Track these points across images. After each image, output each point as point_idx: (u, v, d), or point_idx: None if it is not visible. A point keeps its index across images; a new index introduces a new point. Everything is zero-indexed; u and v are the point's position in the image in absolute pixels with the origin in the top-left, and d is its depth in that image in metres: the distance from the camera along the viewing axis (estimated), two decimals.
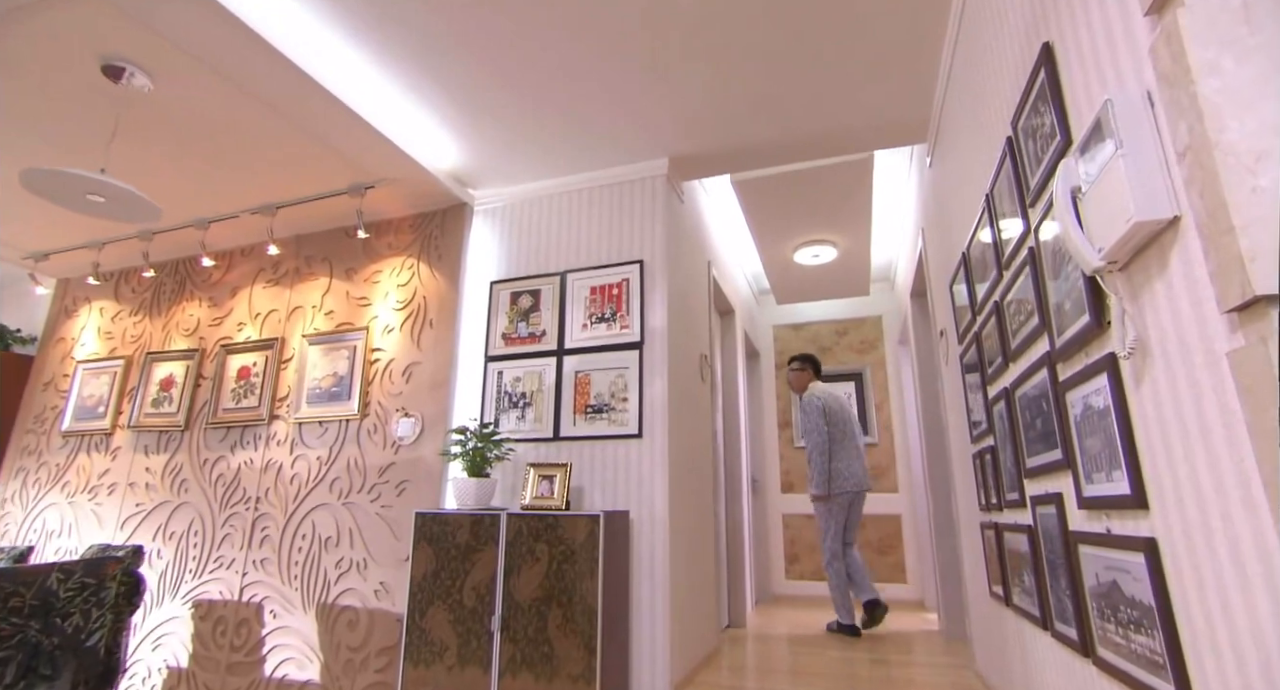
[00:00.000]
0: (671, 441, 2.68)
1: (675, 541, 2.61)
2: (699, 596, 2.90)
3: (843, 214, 3.72)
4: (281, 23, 2.15)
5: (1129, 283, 1.01)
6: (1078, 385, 1.25)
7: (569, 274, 2.98)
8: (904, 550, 4.92)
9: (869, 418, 5.24)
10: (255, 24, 2.06)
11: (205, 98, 2.42)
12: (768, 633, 3.74)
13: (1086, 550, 1.28)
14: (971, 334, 2.24)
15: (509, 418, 2.89)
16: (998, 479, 2.03)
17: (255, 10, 2.06)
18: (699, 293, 3.47)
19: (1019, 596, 1.86)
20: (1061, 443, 1.38)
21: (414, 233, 3.24)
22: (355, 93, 2.49)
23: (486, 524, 2.38)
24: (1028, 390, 1.62)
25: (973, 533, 2.58)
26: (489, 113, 2.67)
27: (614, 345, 2.81)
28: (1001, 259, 1.76)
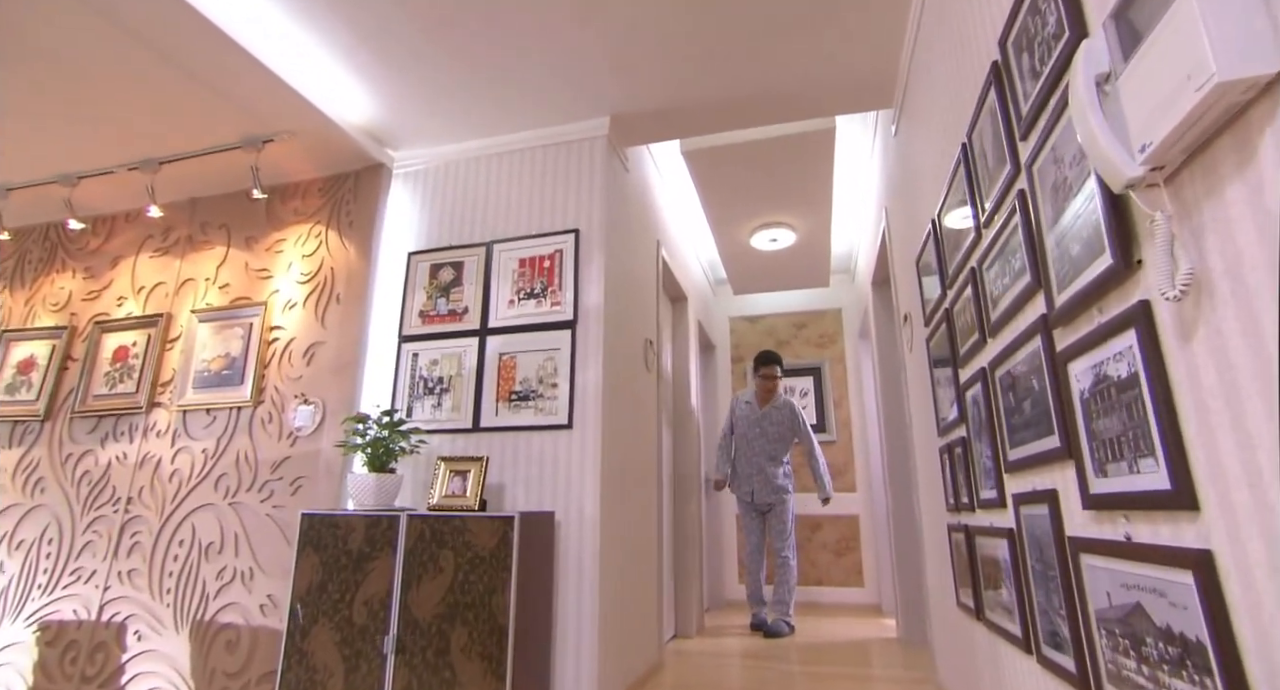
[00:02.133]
0: (607, 433, 2.36)
1: (609, 546, 2.29)
2: (637, 607, 2.60)
3: (802, 193, 3.47)
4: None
5: (1179, 197, 0.73)
6: (1086, 352, 0.98)
7: (496, 244, 2.64)
8: (862, 552, 4.72)
9: (827, 414, 5.02)
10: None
11: (61, 26, 2.00)
12: (718, 643, 3.46)
13: (1093, 562, 1.02)
14: (941, 312, 1.98)
15: (423, 406, 2.53)
16: (970, 475, 1.78)
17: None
18: (645, 273, 3.17)
19: (994, 611, 1.61)
20: (1059, 427, 1.11)
21: (323, 197, 2.85)
22: (247, 27, 2.11)
23: (384, 527, 2.02)
24: (1012, 367, 1.36)
25: (938, 535, 2.34)
26: (407, 61, 2.31)
27: (544, 324, 2.48)
28: (981, 215, 1.50)
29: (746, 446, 3.97)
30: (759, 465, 3.93)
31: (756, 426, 3.99)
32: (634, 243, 2.97)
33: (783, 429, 3.98)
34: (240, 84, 2.29)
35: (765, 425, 3.98)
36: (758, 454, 3.94)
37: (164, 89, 2.34)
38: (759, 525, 3.96)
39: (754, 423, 3.99)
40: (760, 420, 3.99)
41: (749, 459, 3.96)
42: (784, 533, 3.82)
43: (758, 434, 3.98)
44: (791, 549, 3.81)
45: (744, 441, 4.00)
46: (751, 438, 3.98)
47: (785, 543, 3.80)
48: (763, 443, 3.95)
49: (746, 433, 4.00)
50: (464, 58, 2.33)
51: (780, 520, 3.84)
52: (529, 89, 2.50)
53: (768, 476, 3.90)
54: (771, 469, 3.91)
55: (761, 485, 3.91)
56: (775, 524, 3.86)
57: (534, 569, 2.01)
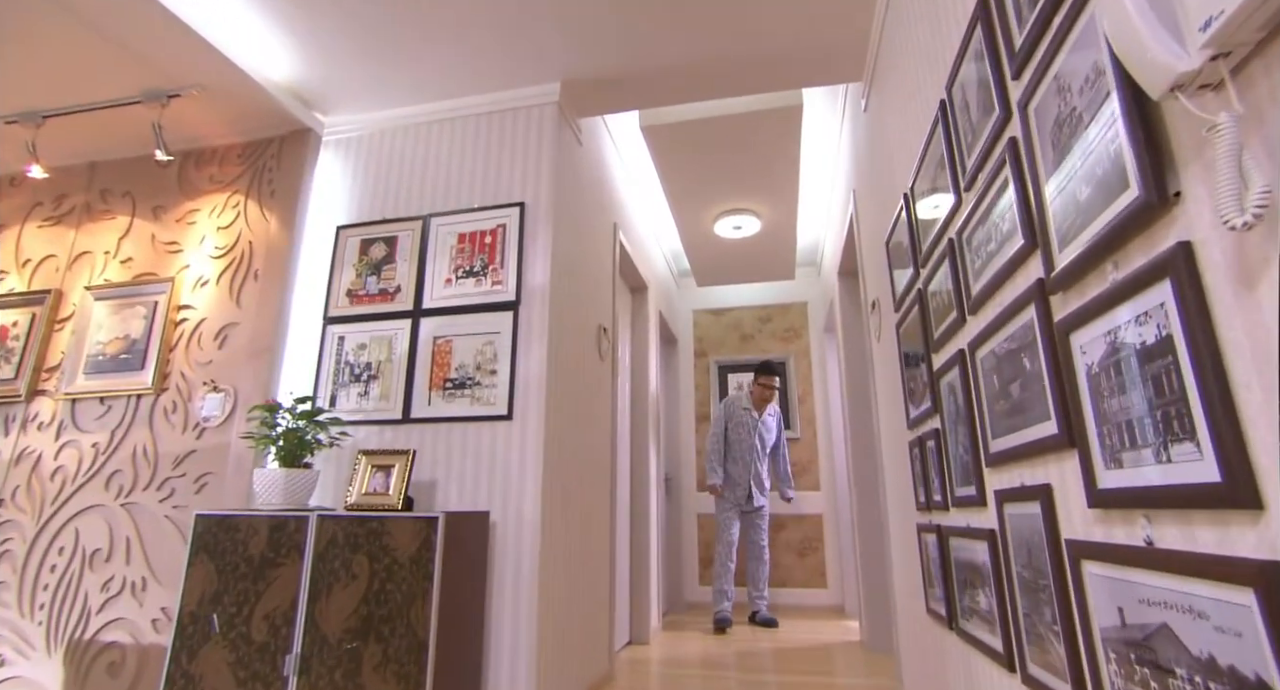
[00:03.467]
0: (551, 425, 2.15)
1: (551, 548, 2.08)
2: (584, 614, 2.39)
3: (767, 176, 3.31)
4: None
5: (1249, 94, 0.56)
6: (1096, 318, 0.81)
7: (434, 218, 2.40)
8: (825, 552, 4.59)
9: (791, 410, 4.89)
10: None
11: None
12: (675, 650, 3.27)
13: (1098, 570, 0.85)
14: (913, 293, 1.83)
15: (349, 394, 2.28)
16: (943, 471, 1.62)
17: None
18: (600, 256, 2.96)
19: (969, 620, 1.45)
20: (1057, 410, 0.94)
21: (243, 163, 2.57)
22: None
23: (291, 530, 1.77)
24: (997, 346, 1.19)
25: (906, 536, 2.19)
26: (335, 14, 2.06)
27: (484, 305, 2.25)
28: (962, 178, 1.34)
29: (744, 452, 4.07)
30: (755, 470, 4.05)
31: (754, 432, 4.09)
32: (588, 222, 2.76)
33: (772, 434, 4.18)
34: (138, 30, 2.01)
35: (762, 431, 4.12)
36: (755, 459, 4.06)
37: (49, 35, 2.04)
38: (738, 525, 4.04)
39: (751, 428, 4.09)
40: (756, 426, 4.11)
41: (745, 463, 4.05)
42: (764, 529, 4.05)
43: (754, 439, 4.09)
44: (768, 543, 4.09)
45: (741, 447, 4.09)
46: (750, 443, 4.08)
47: (767, 539, 4.06)
48: (760, 448, 4.09)
49: (744, 438, 4.09)
50: (399, 12, 2.09)
51: (763, 519, 4.06)
52: (472, 49, 2.27)
53: (761, 479, 4.06)
54: (764, 473, 4.09)
55: (757, 489, 4.05)
56: (760, 523, 4.04)
57: (462, 575, 1.79)
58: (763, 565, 3.99)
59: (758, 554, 3.99)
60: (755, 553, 4.00)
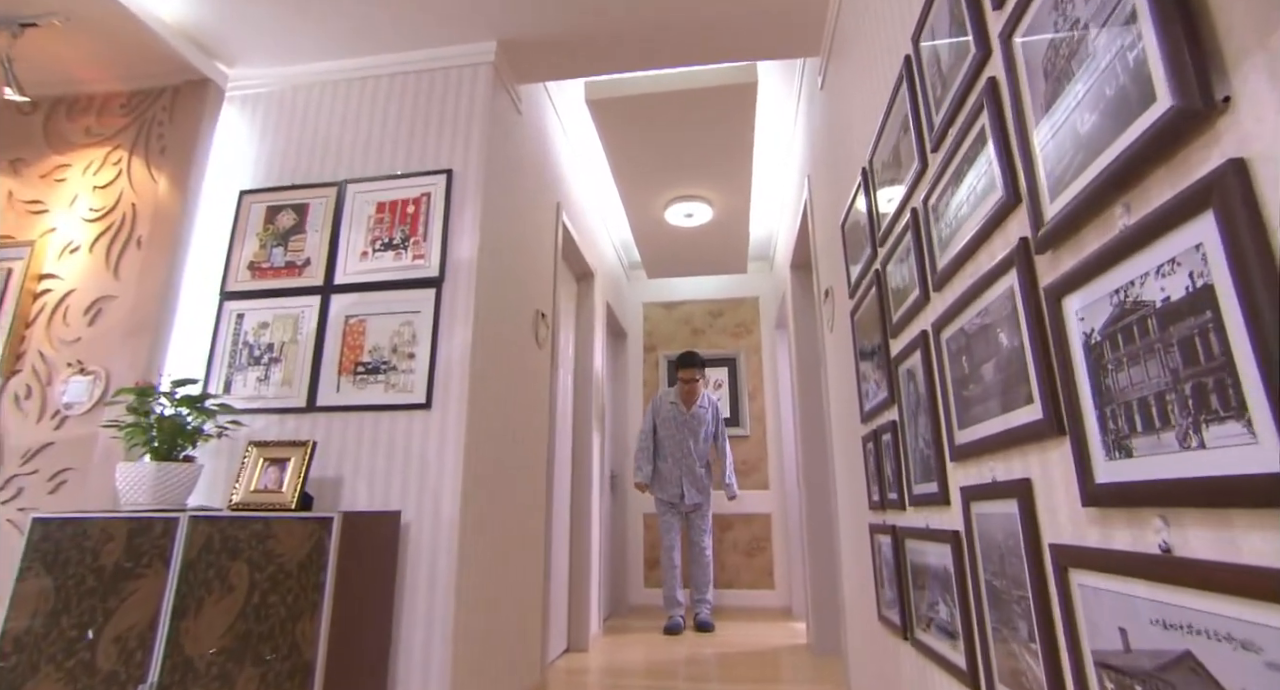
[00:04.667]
0: (475, 416, 1.94)
1: (473, 551, 1.87)
2: (513, 622, 2.18)
3: (721, 160, 3.16)
4: None
5: None
6: (1099, 275, 0.67)
7: (350, 185, 2.15)
8: (773, 553, 4.49)
9: (741, 407, 4.77)
10: None
11: None
12: (616, 657, 3.09)
13: (1091, 581, 0.71)
14: (870, 275, 1.69)
15: (247, 379, 2.01)
16: (899, 466, 1.49)
17: None
18: (540, 236, 2.75)
19: (927, 631, 1.31)
20: (1042, 390, 0.80)
21: (127, 115, 2.26)
22: None
23: (156, 534, 1.51)
24: (966, 323, 1.05)
25: (857, 537, 2.06)
26: None
27: (403, 281, 2.02)
28: (928, 138, 1.20)
29: (675, 449, 3.87)
30: (689, 467, 3.85)
31: (685, 428, 3.88)
32: (526, 199, 2.55)
33: (708, 429, 3.95)
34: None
35: (694, 426, 3.89)
36: (686, 456, 3.86)
37: None
38: (679, 525, 3.86)
39: (681, 425, 3.89)
40: (688, 421, 3.90)
41: (677, 461, 3.86)
42: (706, 530, 3.85)
43: (686, 435, 3.88)
44: (710, 543, 3.86)
45: (671, 444, 3.88)
46: (680, 439, 3.87)
47: (708, 541, 3.84)
48: (692, 444, 3.88)
49: (674, 435, 3.88)
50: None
51: (704, 520, 3.86)
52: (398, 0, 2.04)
53: (696, 477, 3.85)
54: (700, 470, 3.87)
55: (691, 487, 3.84)
56: (700, 523, 3.84)
57: (365, 583, 1.56)
58: (702, 568, 3.77)
59: (696, 555, 3.79)
60: (694, 554, 3.80)
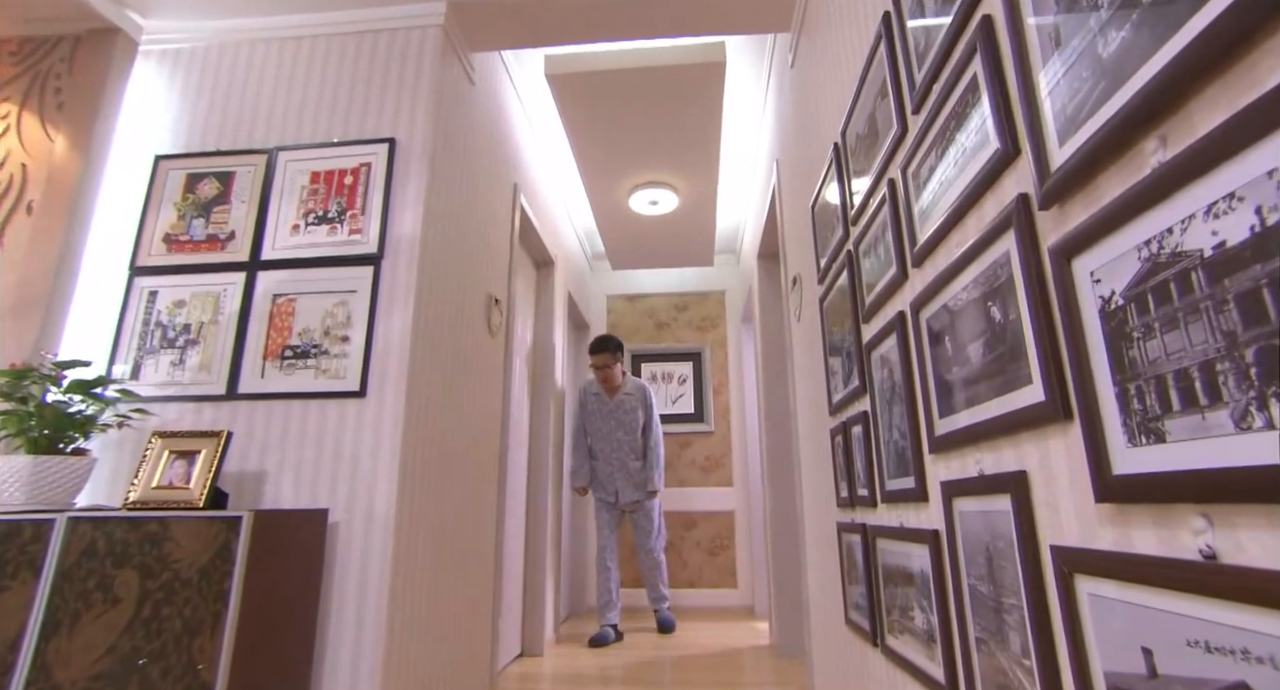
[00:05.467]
0: (415, 405, 1.77)
1: (409, 552, 1.71)
2: (457, 628, 2.02)
3: (686, 145, 3.04)
4: None
5: None
6: (1122, 226, 0.56)
7: (281, 153, 1.96)
8: (736, 551, 4.40)
9: (705, 403, 4.67)
10: None
11: None
12: (571, 661, 2.95)
13: (1105, 591, 0.60)
14: (842, 256, 1.59)
15: (159, 363, 1.81)
16: (871, 460, 1.39)
17: None
18: (495, 217, 2.59)
19: (900, 638, 1.21)
20: (1044, 369, 0.69)
21: (18, 65, 2.02)
22: None
23: (25, 539, 1.31)
24: (951, 299, 0.94)
25: (824, 536, 1.96)
26: None
27: (338, 258, 1.84)
28: (908, 99, 1.09)
29: (604, 443, 3.56)
30: (620, 462, 3.53)
31: (611, 419, 3.57)
32: (480, 176, 2.39)
33: (638, 416, 3.60)
34: None
35: (620, 415, 3.56)
36: (617, 449, 3.54)
37: None
38: (616, 522, 3.54)
39: (607, 416, 3.58)
40: (614, 411, 3.57)
41: (608, 456, 3.55)
42: (652, 532, 3.50)
43: (614, 427, 3.56)
44: (661, 545, 3.54)
45: (599, 438, 3.58)
46: (607, 432, 3.56)
47: (657, 542, 3.50)
48: (621, 436, 3.55)
49: (601, 428, 3.58)
50: None
51: (648, 520, 3.50)
52: None
53: (630, 473, 3.52)
54: (635, 464, 3.53)
55: (625, 483, 3.51)
56: (644, 523, 3.50)
57: (281, 590, 1.39)
58: (650, 568, 3.50)
59: (643, 557, 3.50)
60: (641, 557, 3.51)
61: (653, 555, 3.48)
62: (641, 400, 3.61)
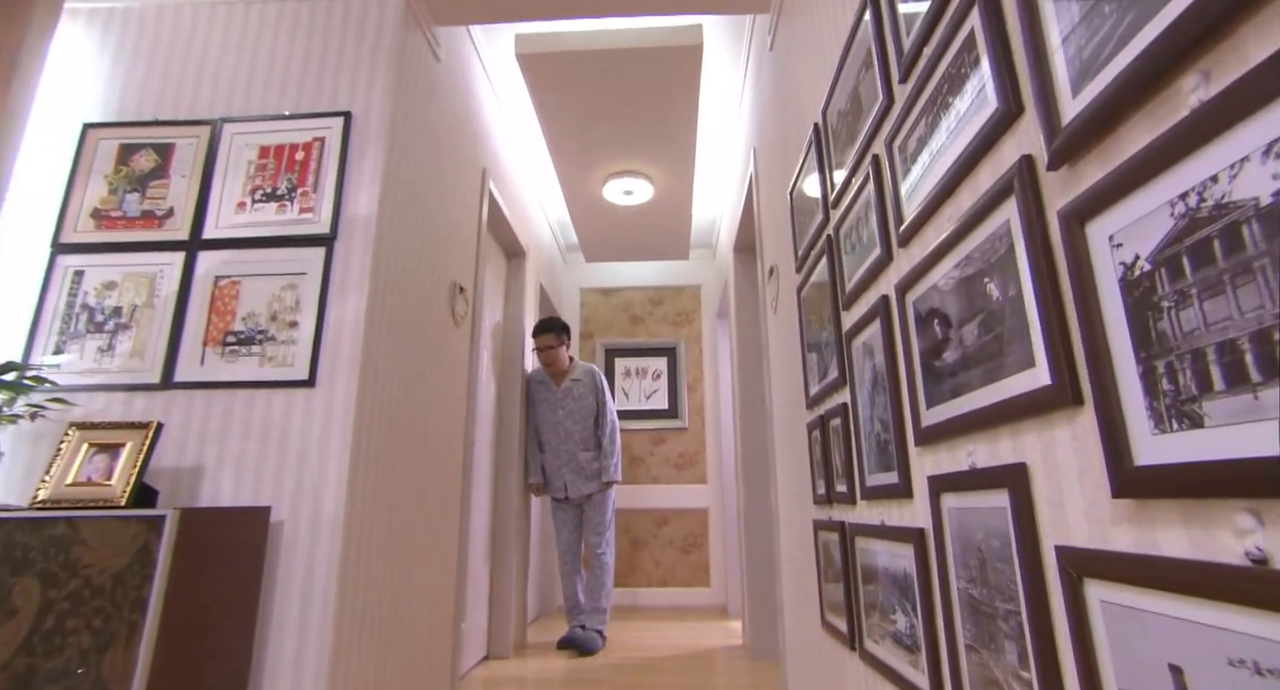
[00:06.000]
0: (369, 396, 1.66)
1: (361, 554, 1.60)
2: (414, 633, 1.91)
3: (662, 132, 2.95)
4: None
5: None
6: (1151, 180, 0.49)
7: (227, 124, 1.82)
8: (709, 549, 4.34)
9: (679, 398, 4.60)
10: None
11: None
12: (538, 664, 2.85)
13: (1122, 599, 0.53)
14: (821, 242, 1.51)
15: (85, 349, 1.66)
16: (850, 455, 1.32)
17: None
18: (462, 202, 2.47)
19: (880, 643, 1.14)
20: (1050, 347, 0.62)
21: None
22: None
23: None
24: (941, 279, 0.87)
25: (799, 534, 1.89)
26: None
27: (287, 238, 1.72)
28: (895, 69, 1.01)
29: (551, 433, 3.30)
30: (569, 453, 3.25)
31: (559, 408, 3.31)
32: (445, 157, 2.27)
33: (588, 403, 3.32)
34: None
35: (568, 404, 3.30)
36: (565, 440, 3.27)
37: None
38: (574, 520, 3.29)
39: (554, 404, 3.32)
40: (561, 399, 3.31)
41: (556, 447, 3.28)
42: (602, 527, 3.22)
43: (562, 416, 3.29)
44: (609, 546, 3.23)
45: (547, 428, 3.32)
46: (555, 422, 3.30)
47: (603, 539, 3.20)
48: (570, 425, 3.28)
49: (548, 417, 3.32)
50: None
51: (599, 513, 3.23)
52: None
53: (580, 464, 3.24)
54: (585, 455, 3.26)
55: (575, 475, 3.24)
56: (593, 517, 3.23)
57: (212, 596, 1.27)
58: (600, 573, 3.16)
59: (590, 557, 3.20)
60: (588, 555, 3.22)
61: (600, 557, 3.18)
62: (592, 385, 3.34)
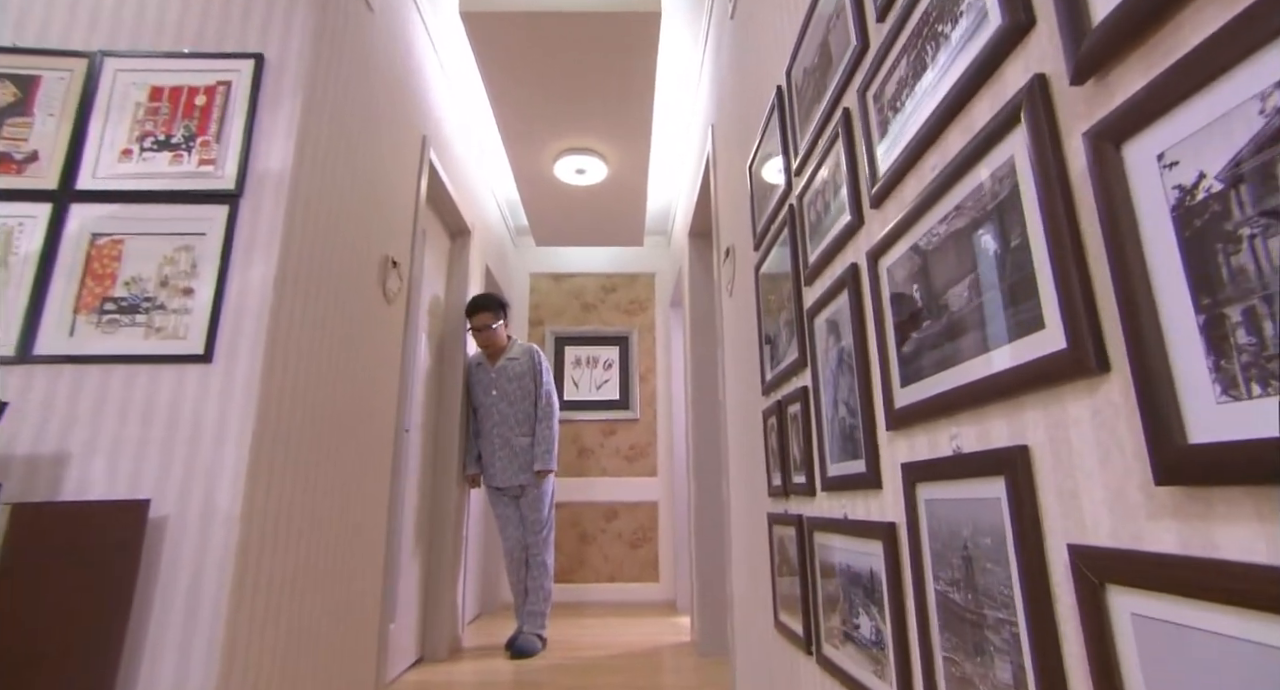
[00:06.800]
0: (276, 374, 1.46)
1: (265, 552, 1.41)
2: (331, 639, 1.73)
3: (617, 107, 2.80)
4: None
5: None
6: (1233, 69, 0.37)
7: (110, 59, 1.58)
8: (659, 544, 4.24)
9: (631, 389, 4.47)
10: None
11: None
12: (475, 666, 2.68)
13: (1162, 614, 0.42)
14: (783, 213, 1.40)
15: None
16: (809, 442, 1.21)
17: None
18: (397, 168, 2.27)
19: (840, 648, 1.04)
20: (1066, 303, 0.51)
21: None
22: None
23: None
24: (923, 237, 0.76)
25: (752, 528, 1.79)
26: None
27: (183, 193, 1.50)
28: (869, 6, 0.90)
29: (485, 418, 3.08)
30: (503, 438, 3.02)
31: (492, 389, 3.07)
32: (379, 118, 2.07)
33: (525, 383, 3.08)
34: None
35: (502, 384, 3.06)
36: (499, 424, 3.04)
37: None
38: (516, 516, 3.05)
39: (488, 386, 3.08)
40: (495, 380, 3.07)
41: (489, 433, 3.05)
42: (539, 525, 2.98)
43: (495, 398, 3.06)
44: (549, 548, 3.00)
45: (482, 412, 3.09)
46: (489, 405, 3.07)
47: (540, 538, 2.98)
48: (503, 407, 3.04)
49: (483, 401, 3.09)
50: None
51: (535, 511, 2.98)
52: None
53: (515, 451, 3.00)
54: (520, 440, 3.02)
55: (509, 463, 2.99)
56: (529, 515, 2.99)
57: (64, 609, 1.07)
58: (538, 574, 2.94)
59: (534, 563, 2.97)
60: (531, 561, 2.98)
61: (538, 558, 2.96)
62: (530, 365, 3.11)
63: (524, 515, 3.03)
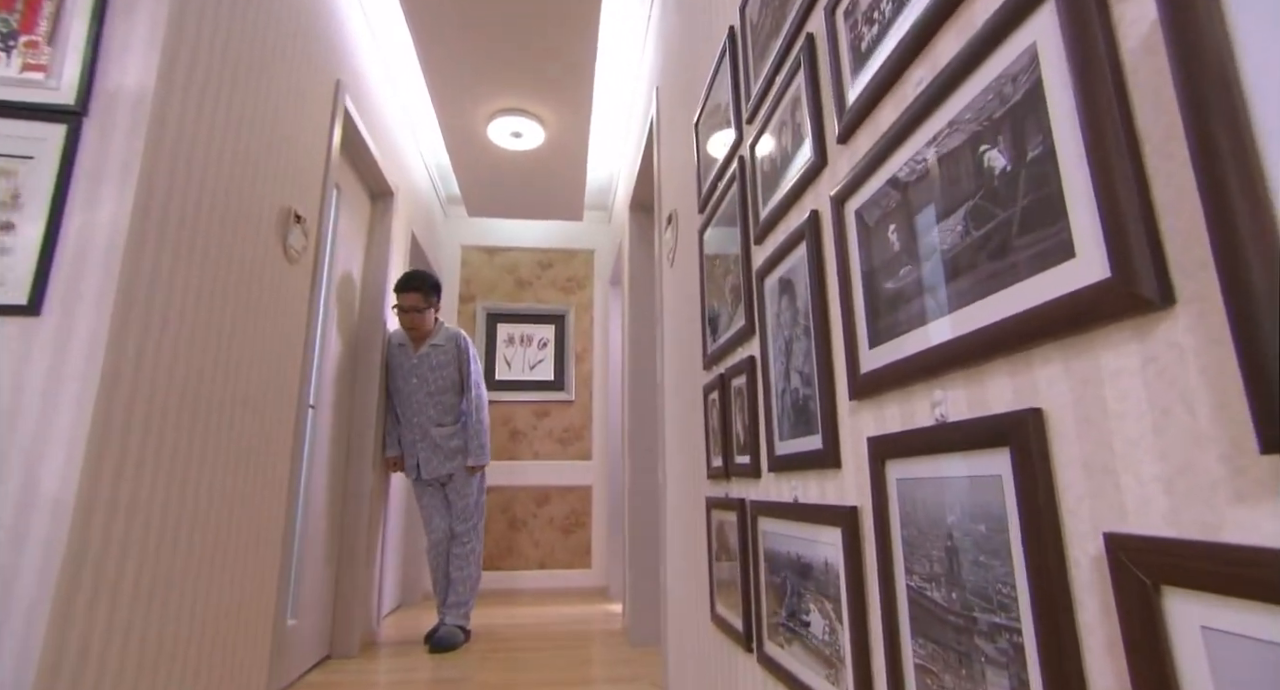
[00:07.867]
0: (131, 333, 1.22)
1: (112, 550, 1.18)
2: (211, 644, 1.50)
3: (556, 67, 2.60)
4: None
5: None
6: None
7: None
8: (592, 529, 4.11)
9: (566, 369, 4.30)
10: None
11: None
12: (388, 663, 2.47)
13: (1231, 627, 0.30)
14: (733, 168, 1.26)
15: None
16: (754, 419, 1.08)
17: None
18: (305, 111, 2.00)
19: (787, 646, 0.92)
20: (1109, 217, 0.38)
21: None
22: None
23: None
24: (904, 167, 0.63)
25: (689, 513, 1.67)
26: None
27: (1, 104, 1.22)
28: None
29: (405, 405, 2.88)
30: (422, 428, 2.84)
31: (413, 376, 2.87)
32: (279, 51, 1.80)
33: (449, 373, 2.91)
34: None
35: (423, 372, 2.87)
36: (417, 412, 2.85)
37: None
38: (444, 505, 2.88)
39: (409, 372, 2.88)
40: (417, 366, 2.87)
41: (409, 421, 2.87)
42: (467, 512, 2.83)
43: (415, 387, 2.86)
44: (477, 536, 2.84)
45: (401, 399, 2.89)
46: (408, 393, 2.87)
47: (469, 526, 2.82)
48: (421, 397, 2.86)
49: (404, 387, 2.88)
50: None
51: (463, 497, 2.83)
52: None
53: (435, 441, 2.83)
54: (440, 431, 2.86)
55: (430, 454, 2.82)
56: (456, 502, 2.84)
57: None
58: (464, 564, 2.79)
59: (462, 551, 2.81)
60: (457, 550, 2.82)
61: (465, 546, 2.80)
62: (455, 353, 2.92)
63: (451, 502, 2.84)
